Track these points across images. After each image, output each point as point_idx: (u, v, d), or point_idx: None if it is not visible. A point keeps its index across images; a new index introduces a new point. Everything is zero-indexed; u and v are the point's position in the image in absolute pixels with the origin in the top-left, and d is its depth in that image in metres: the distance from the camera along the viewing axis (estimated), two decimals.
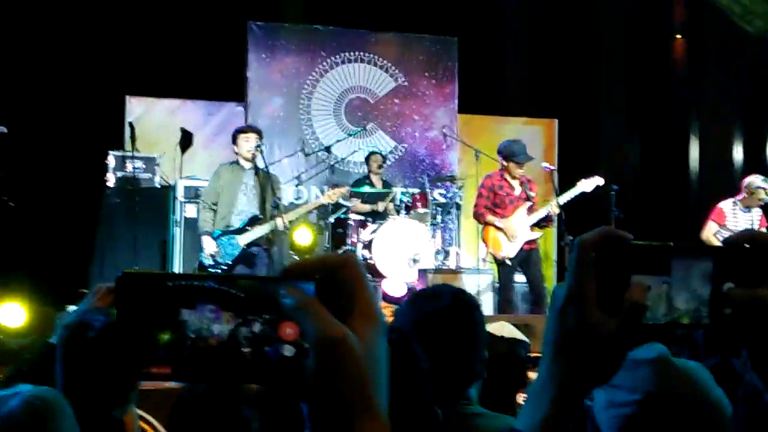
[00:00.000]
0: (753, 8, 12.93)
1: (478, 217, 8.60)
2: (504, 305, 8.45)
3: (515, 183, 8.58)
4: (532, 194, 8.61)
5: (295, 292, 0.83)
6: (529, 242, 8.51)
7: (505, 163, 8.55)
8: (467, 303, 2.58)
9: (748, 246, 0.91)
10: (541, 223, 8.63)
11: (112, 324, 1.94)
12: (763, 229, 9.01)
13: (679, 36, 13.93)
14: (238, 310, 0.83)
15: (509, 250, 8.40)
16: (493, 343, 3.16)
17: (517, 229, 8.42)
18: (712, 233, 8.93)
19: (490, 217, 8.48)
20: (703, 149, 13.67)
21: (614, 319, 0.89)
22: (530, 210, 8.53)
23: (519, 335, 3.29)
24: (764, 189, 8.88)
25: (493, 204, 8.53)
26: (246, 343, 0.83)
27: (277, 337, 0.83)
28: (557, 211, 8.49)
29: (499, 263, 8.54)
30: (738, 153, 13.48)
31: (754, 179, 9.05)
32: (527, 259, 8.53)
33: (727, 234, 8.80)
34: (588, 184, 8.61)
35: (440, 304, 2.52)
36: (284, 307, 0.83)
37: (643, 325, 0.89)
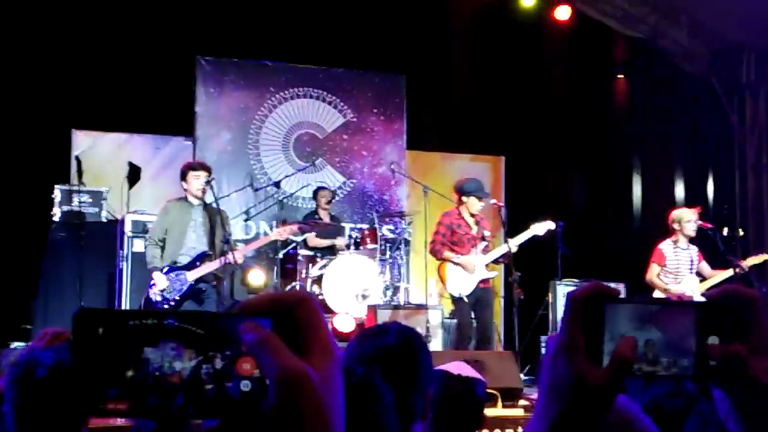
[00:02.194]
0: (692, 50, 13.27)
1: (434, 253, 8.67)
2: (462, 342, 8.52)
3: (472, 222, 8.70)
4: (487, 233, 8.74)
5: (254, 328, 0.84)
6: (483, 281, 8.61)
7: (465, 199, 8.64)
8: (412, 340, 2.58)
9: (729, 301, 0.96)
10: (498, 260, 8.73)
11: (62, 361, 1.92)
12: (704, 263, 9.20)
13: (620, 75, 14.21)
14: (199, 347, 0.84)
15: (465, 288, 8.49)
16: (450, 383, 3.17)
17: (475, 265, 8.51)
18: (655, 275, 9.10)
19: (447, 253, 8.56)
20: (645, 187, 13.92)
21: (601, 369, 0.92)
22: (485, 249, 8.65)
23: (475, 374, 3.30)
24: (685, 218, 9.10)
25: (450, 242, 8.63)
26: (208, 380, 0.84)
27: (236, 372, 0.84)
28: (515, 250, 8.59)
29: (455, 300, 8.60)
30: (679, 190, 13.76)
31: (674, 213, 9.30)
32: (481, 298, 8.65)
33: (669, 274, 9.02)
34: (540, 228, 8.78)
35: (384, 341, 2.51)
36: (244, 343, 0.84)
37: (631, 376, 0.94)
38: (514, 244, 8.57)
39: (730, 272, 9.15)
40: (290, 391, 0.82)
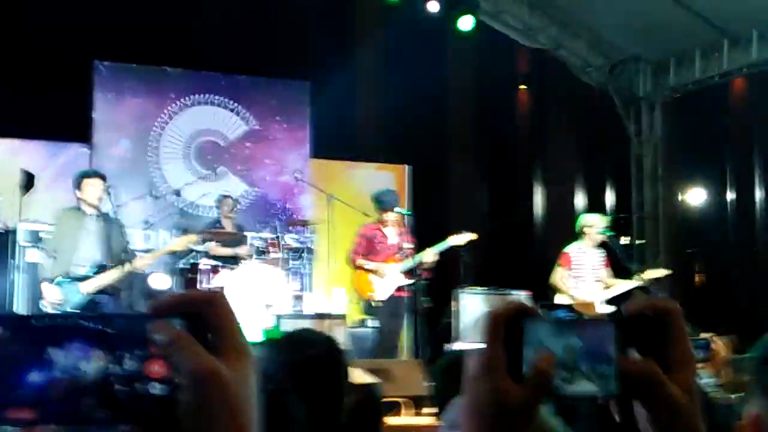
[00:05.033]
0: (591, 61, 13.55)
1: (350, 262, 8.83)
2: (385, 350, 8.54)
3: (391, 233, 8.83)
4: (407, 246, 8.80)
5: (165, 328, 0.80)
6: (401, 288, 8.74)
7: (377, 213, 8.83)
8: (338, 352, 2.56)
9: (647, 313, 0.94)
10: (419, 271, 8.78)
11: None
12: (607, 270, 9.35)
13: (523, 87, 14.43)
14: (107, 348, 0.78)
15: (380, 294, 8.56)
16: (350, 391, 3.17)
17: (387, 272, 8.61)
18: (559, 278, 9.21)
19: (360, 261, 8.72)
20: (546, 196, 14.14)
21: (522, 386, 0.92)
22: (402, 258, 8.69)
23: (369, 378, 3.28)
24: (595, 224, 9.28)
25: (366, 251, 8.76)
26: (116, 381, 0.78)
27: (146, 375, 0.78)
28: (433, 259, 8.70)
29: (372, 308, 8.64)
30: (580, 199, 14.01)
31: (584, 217, 9.48)
32: (395, 306, 8.75)
33: (572, 278, 9.14)
34: (459, 239, 8.89)
35: (314, 353, 2.46)
36: (155, 343, 0.79)
37: (553, 395, 0.92)
38: (432, 253, 8.64)
39: (632, 283, 9.32)
40: (203, 391, 0.78)
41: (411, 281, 8.83)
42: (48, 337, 0.78)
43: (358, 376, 3.35)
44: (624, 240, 12.65)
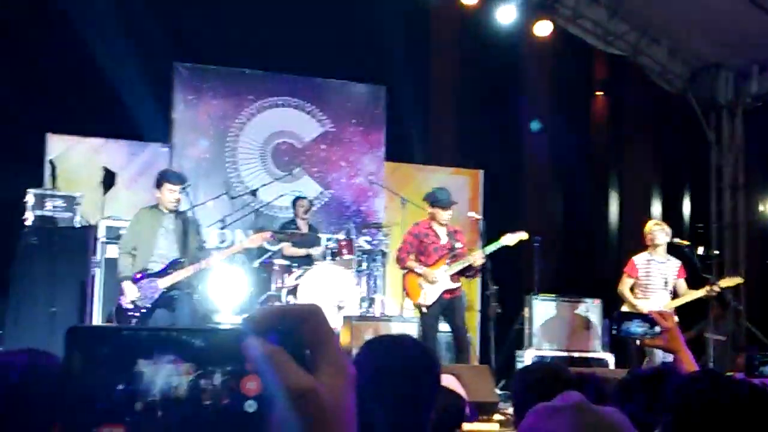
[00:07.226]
0: (671, 68, 13.34)
1: (399, 261, 8.54)
2: (454, 354, 8.46)
3: (442, 232, 8.52)
4: (459, 245, 8.53)
5: (260, 344, 0.78)
6: (449, 291, 8.42)
7: (430, 210, 8.53)
8: (430, 359, 2.50)
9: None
10: (467, 273, 8.56)
11: (34, 366, 1.86)
12: (682, 280, 9.15)
13: (600, 93, 14.27)
14: (198, 362, 0.78)
15: (427, 298, 8.34)
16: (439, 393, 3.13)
17: (437, 277, 8.38)
18: (627, 287, 9.08)
19: (410, 263, 8.43)
20: (622, 203, 13.96)
21: None
22: (454, 260, 8.48)
23: (459, 388, 3.24)
24: (659, 230, 9.09)
25: (417, 251, 8.47)
26: (206, 396, 0.78)
27: (239, 391, 0.78)
28: (481, 262, 8.43)
29: (420, 311, 8.47)
30: (656, 208, 13.80)
31: (649, 225, 9.29)
32: (449, 307, 8.44)
33: (641, 288, 8.99)
34: (512, 238, 8.59)
35: (406, 356, 2.42)
36: (249, 359, 0.78)
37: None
38: (480, 256, 8.38)
39: (702, 292, 9.11)
40: (299, 409, 0.76)
41: (458, 284, 8.50)
42: (139, 349, 0.78)
43: (451, 383, 3.31)
44: (702, 250, 12.43)
